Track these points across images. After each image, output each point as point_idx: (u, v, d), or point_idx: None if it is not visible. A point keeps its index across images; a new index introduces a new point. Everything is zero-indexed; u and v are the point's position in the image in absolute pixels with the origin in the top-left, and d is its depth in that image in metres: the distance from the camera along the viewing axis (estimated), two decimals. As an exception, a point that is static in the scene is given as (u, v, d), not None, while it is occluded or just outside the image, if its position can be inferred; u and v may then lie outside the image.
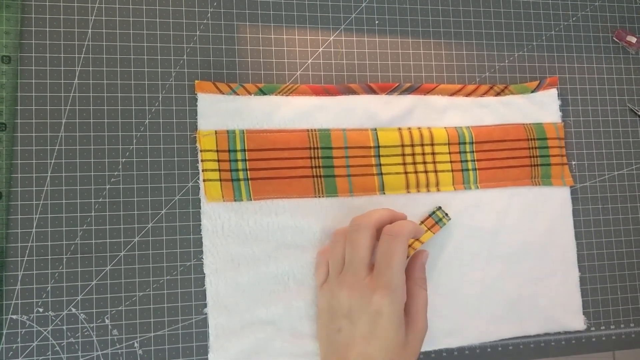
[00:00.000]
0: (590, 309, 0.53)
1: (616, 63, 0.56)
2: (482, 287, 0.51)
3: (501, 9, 0.55)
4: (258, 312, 0.47)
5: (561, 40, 0.55)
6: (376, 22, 0.52)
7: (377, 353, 0.40)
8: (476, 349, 0.51)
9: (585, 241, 0.54)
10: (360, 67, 0.51)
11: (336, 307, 0.43)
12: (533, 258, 0.52)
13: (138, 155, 0.47)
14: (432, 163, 0.51)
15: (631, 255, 0.54)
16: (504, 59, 0.54)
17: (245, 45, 0.50)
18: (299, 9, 0.51)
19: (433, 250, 0.50)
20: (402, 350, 0.41)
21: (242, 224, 0.47)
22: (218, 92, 0.48)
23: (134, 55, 0.48)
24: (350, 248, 0.44)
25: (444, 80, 0.53)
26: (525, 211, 0.52)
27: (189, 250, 0.47)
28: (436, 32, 0.53)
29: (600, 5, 0.57)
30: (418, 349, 0.43)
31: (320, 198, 0.49)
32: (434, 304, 0.49)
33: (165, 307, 0.46)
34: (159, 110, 0.48)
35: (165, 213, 0.47)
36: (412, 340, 0.43)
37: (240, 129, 0.48)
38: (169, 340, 0.46)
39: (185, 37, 0.49)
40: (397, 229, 0.43)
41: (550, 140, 0.53)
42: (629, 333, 0.53)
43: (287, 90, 0.49)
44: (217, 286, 0.47)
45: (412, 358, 0.42)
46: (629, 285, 0.54)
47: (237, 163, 0.47)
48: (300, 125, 0.49)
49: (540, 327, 0.52)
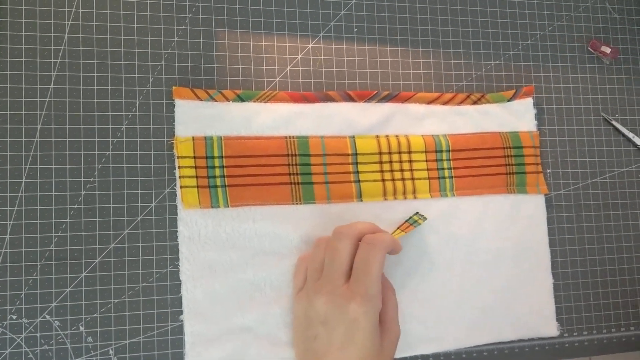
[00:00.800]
0: (563, 315, 0.54)
1: (591, 73, 0.57)
2: (458, 293, 0.51)
3: (478, 18, 0.55)
4: (235, 319, 0.47)
5: (537, 49, 0.56)
6: (355, 30, 0.53)
7: (354, 356, 0.41)
8: (451, 355, 0.51)
9: (559, 248, 0.54)
10: (338, 75, 0.52)
11: (313, 315, 0.43)
12: (508, 265, 0.53)
13: (114, 162, 0.47)
14: (409, 171, 0.51)
15: (604, 263, 0.55)
16: (481, 68, 0.55)
17: (223, 51, 0.50)
18: (278, 16, 0.51)
19: (410, 257, 0.51)
20: (377, 357, 0.42)
21: (219, 230, 0.47)
22: (196, 99, 0.48)
23: (111, 60, 0.47)
24: (330, 256, 0.44)
25: (421, 89, 0.53)
26: (501, 219, 0.53)
27: (165, 257, 0.47)
28: (414, 40, 0.54)
29: (575, 16, 0.58)
30: (392, 355, 0.44)
31: (297, 205, 0.49)
32: (411, 311, 0.50)
33: (140, 314, 0.46)
34: (136, 116, 0.47)
35: (142, 219, 0.47)
36: (386, 346, 0.43)
37: (217, 136, 0.48)
38: (144, 348, 0.46)
39: (163, 43, 0.49)
40: (377, 239, 0.43)
41: (525, 148, 0.54)
42: (601, 339, 0.54)
43: (265, 97, 0.49)
44: (193, 293, 0.47)
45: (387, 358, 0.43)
46: (601, 292, 0.55)
47: (215, 170, 0.47)
48: (278, 132, 0.49)
49: (514, 334, 0.52)
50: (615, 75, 0.58)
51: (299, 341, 0.45)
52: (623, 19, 0.59)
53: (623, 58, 0.58)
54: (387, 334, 0.44)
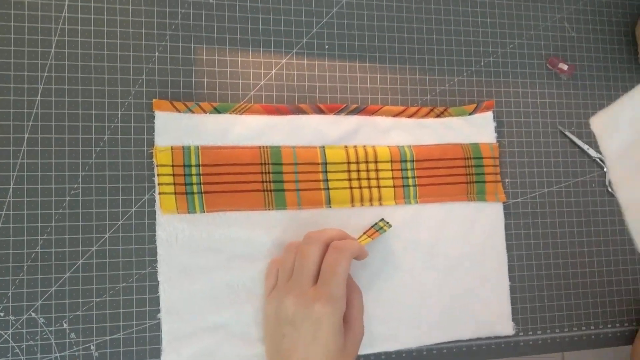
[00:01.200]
0: (519, 315, 0.58)
1: (549, 88, 0.61)
2: (420, 295, 0.55)
3: (443, 36, 0.59)
4: (209, 318, 0.50)
5: (498, 66, 0.60)
6: (326, 47, 0.56)
7: (317, 357, 0.44)
8: (413, 352, 0.55)
9: (516, 253, 0.58)
10: (310, 89, 0.55)
11: (282, 314, 0.46)
12: (467, 268, 0.56)
13: (97, 169, 0.50)
14: (376, 179, 0.54)
15: (558, 267, 0.59)
16: (445, 83, 0.58)
17: (201, 66, 0.53)
18: (254, 33, 0.54)
19: (376, 261, 0.54)
20: (341, 355, 0.45)
21: (195, 235, 0.50)
22: (175, 111, 0.51)
23: (95, 74, 0.51)
24: (299, 259, 0.47)
25: (388, 102, 0.57)
26: (461, 225, 0.56)
27: (144, 259, 0.50)
28: (382, 57, 0.57)
29: (535, 34, 0.61)
30: (355, 353, 0.47)
31: (270, 211, 0.52)
32: (375, 311, 0.53)
33: (120, 312, 0.49)
34: (118, 126, 0.51)
35: (122, 224, 0.50)
36: (350, 344, 0.46)
37: (195, 145, 0.51)
38: (124, 343, 0.49)
39: (145, 58, 0.52)
40: (344, 244, 0.47)
41: (485, 159, 0.57)
42: (554, 338, 0.58)
43: (240, 109, 0.52)
44: (170, 293, 0.50)
45: (350, 357, 0.46)
46: (555, 294, 0.59)
47: (192, 177, 0.50)
48: (252, 142, 0.52)
49: (472, 332, 0.56)
50: (571, 90, 0.61)
51: (269, 339, 0.48)
52: (580, 37, 0.62)
53: (579, 74, 0.62)
54: (351, 333, 0.47)
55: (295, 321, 0.45)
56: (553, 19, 0.62)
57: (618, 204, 0.58)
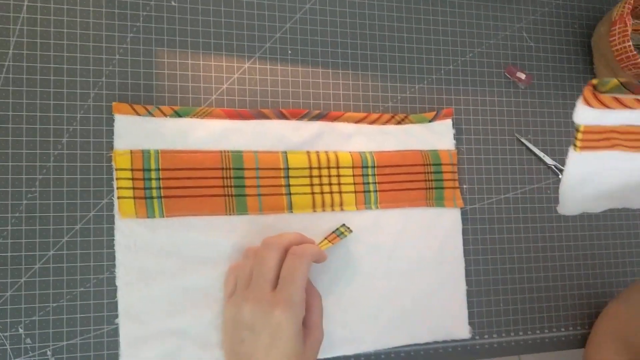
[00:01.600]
0: (475, 319, 0.59)
1: (507, 96, 0.62)
2: (379, 299, 0.56)
3: (405, 43, 0.59)
4: (168, 323, 0.50)
5: (458, 74, 0.61)
6: (289, 52, 0.56)
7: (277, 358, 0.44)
8: (371, 355, 0.56)
9: (472, 257, 0.59)
10: (272, 94, 0.55)
11: (240, 319, 0.46)
12: (426, 272, 0.57)
13: (55, 173, 0.49)
14: (337, 185, 0.55)
15: (514, 271, 0.60)
16: (405, 90, 0.59)
17: (162, 69, 0.53)
18: (216, 37, 0.54)
19: (336, 265, 0.54)
20: (300, 356, 0.45)
21: (154, 239, 0.50)
22: (135, 114, 0.51)
23: (54, 76, 0.50)
24: (258, 265, 0.47)
25: (350, 109, 0.57)
26: (420, 230, 0.57)
27: (102, 263, 0.50)
28: (344, 63, 0.58)
29: (494, 44, 0.62)
30: (315, 357, 0.47)
31: (231, 216, 0.52)
32: (334, 314, 0.54)
33: (78, 317, 0.49)
34: (76, 129, 0.50)
35: (80, 228, 0.50)
36: (309, 349, 0.47)
37: (155, 149, 0.51)
38: (81, 349, 0.49)
39: (105, 60, 0.51)
40: (303, 250, 0.47)
41: (444, 165, 0.58)
42: (509, 341, 0.59)
43: (202, 113, 0.52)
44: (128, 298, 0.49)
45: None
46: (510, 298, 0.60)
47: (151, 182, 0.50)
48: (214, 146, 0.52)
49: (430, 336, 0.57)
50: (529, 99, 0.63)
51: (228, 344, 0.48)
52: (538, 47, 0.64)
53: (537, 83, 0.63)
54: (310, 337, 0.47)
55: (254, 326, 0.45)
56: (512, 29, 0.63)
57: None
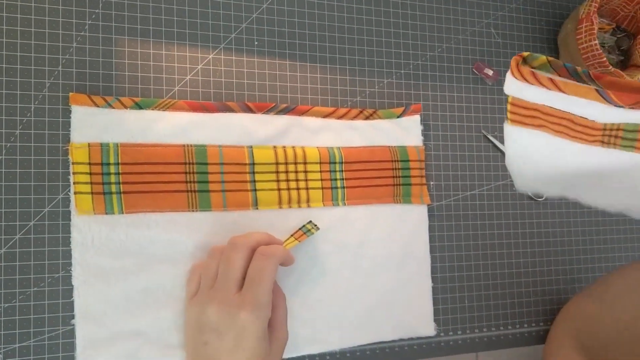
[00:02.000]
0: (440, 316, 0.59)
1: (474, 93, 0.62)
2: (345, 297, 0.55)
3: (373, 37, 0.58)
4: (127, 323, 0.48)
5: (426, 69, 0.60)
6: (255, 43, 0.55)
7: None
8: (337, 354, 0.55)
9: (439, 254, 0.59)
10: (238, 86, 0.54)
11: (204, 321, 0.45)
12: (392, 269, 0.57)
13: (7, 166, 0.47)
14: (304, 180, 0.54)
15: (479, 268, 0.60)
16: (374, 85, 0.58)
17: (123, 59, 0.50)
18: (179, 25, 0.52)
19: (302, 264, 0.53)
20: (265, 357, 0.44)
21: (113, 237, 0.48)
22: (93, 105, 0.48)
23: (7, 64, 0.47)
24: (224, 264, 0.46)
25: (318, 103, 0.56)
26: (387, 227, 0.57)
27: (58, 262, 0.47)
28: (312, 56, 0.56)
29: (462, 39, 0.62)
30: (279, 357, 0.46)
31: (193, 212, 0.51)
32: (300, 314, 0.53)
33: (31, 318, 0.47)
34: (30, 121, 0.47)
35: (34, 225, 0.47)
36: (274, 349, 0.46)
37: (114, 142, 0.49)
38: (34, 351, 0.47)
39: (62, 48, 0.49)
40: (271, 250, 0.46)
41: (412, 162, 0.58)
42: (473, 338, 0.60)
43: (164, 105, 0.50)
44: (85, 298, 0.47)
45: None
46: (475, 295, 0.60)
47: (110, 176, 0.48)
48: (176, 140, 0.50)
49: (395, 334, 0.57)
50: (496, 95, 0.63)
51: (190, 346, 0.46)
52: (506, 43, 0.64)
53: (503, 80, 0.63)
54: (275, 338, 0.46)
55: (218, 329, 0.44)
56: (480, 25, 0.63)
57: (535, 206, 0.60)
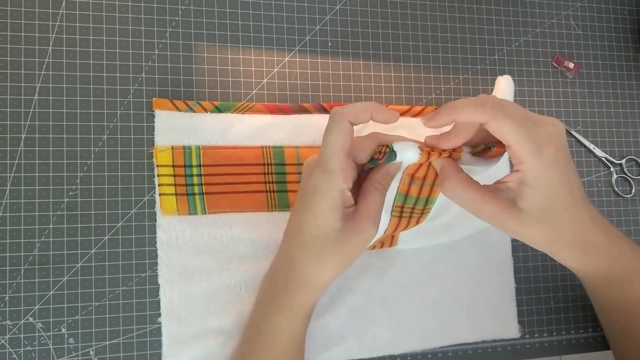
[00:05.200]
0: (525, 317, 0.57)
1: (555, 87, 0.60)
2: (424, 298, 0.54)
3: (448, 33, 0.58)
4: (210, 322, 0.49)
5: (503, 64, 0.59)
6: (329, 44, 0.55)
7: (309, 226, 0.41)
8: (417, 355, 0.54)
9: (522, 254, 0.57)
10: (313, 87, 0.54)
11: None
12: (471, 270, 0.55)
13: (96, 170, 0.49)
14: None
15: (564, 268, 0.58)
16: (450, 81, 0.57)
17: (202, 64, 0.52)
18: (256, 30, 0.53)
19: (379, 264, 0.53)
20: (335, 235, 0.41)
21: (196, 236, 0.49)
22: (175, 110, 0.50)
23: (94, 72, 0.49)
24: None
25: (392, 101, 0.56)
26: (467, 230, 0.55)
27: (144, 261, 0.49)
28: (385, 55, 0.56)
29: (540, 32, 0.60)
30: (356, 248, 0.42)
31: (273, 212, 0.51)
32: (379, 315, 0.53)
33: (120, 316, 0.48)
34: (117, 126, 0.49)
35: (122, 226, 0.49)
36: (350, 233, 0.41)
37: (196, 145, 0.50)
38: (123, 349, 0.48)
39: (144, 56, 0.51)
40: (340, 108, 0.41)
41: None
42: (560, 340, 0.57)
43: (242, 108, 0.51)
44: (170, 296, 0.49)
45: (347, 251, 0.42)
46: (561, 296, 0.58)
47: (193, 178, 0.49)
48: (254, 142, 0.51)
49: (477, 336, 0.55)
50: (577, 89, 0.60)
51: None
52: (586, 35, 0.62)
53: (585, 73, 0.61)
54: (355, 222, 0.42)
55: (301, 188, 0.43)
56: (559, 17, 0.61)
57: (622, 203, 0.57)
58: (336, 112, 0.40)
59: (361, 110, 0.40)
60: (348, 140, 0.40)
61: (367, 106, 0.40)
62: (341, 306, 0.52)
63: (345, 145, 0.40)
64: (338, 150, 0.39)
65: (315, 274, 0.42)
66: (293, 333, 0.45)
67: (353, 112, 0.40)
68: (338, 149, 0.39)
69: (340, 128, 0.39)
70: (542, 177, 0.39)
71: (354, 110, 0.40)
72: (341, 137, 0.39)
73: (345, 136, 0.39)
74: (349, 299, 0.52)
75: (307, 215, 0.41)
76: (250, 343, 0.46)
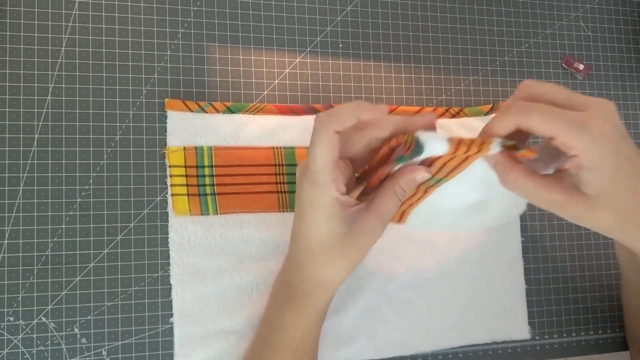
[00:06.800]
0: (535, 319, 0.57)
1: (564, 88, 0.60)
2: (433, 298, 0.54)
3: (458, 35, 0.58)
4: (222, 322, 0.49)
5: (513, 65, 0.59)
6: (340, 45, 0.55)
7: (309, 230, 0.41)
8: (428, 356, 0.54)
9: (532, 255, 0.57)
10: (324, 88, 0.54)
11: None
12: (481, 271, 0.55)
13: (109, 170, 0.49)
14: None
15: (574, 269, 0.58)
16: (460, 82, 0.57)
17: (214, 65, 0.52)
18: (267, 31, 0.53)
19: (388, 263, 0.53)
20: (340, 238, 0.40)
21: (208, 237, 0.50)
22: (187, 110, 0.50)
23: (106, 73, 0.49)
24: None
25: (403, 102, 0.56)
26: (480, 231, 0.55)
27: (157, 262, 0.49)
28: (396, 56, 0.56)
29: (550, 34, 0.60)
30: (364, 246, 0.41)
31: (284, 212, 0.51)
32: (389, 315, 0.53)
33: (132, 316, 0.48)
34: (129, 126, 0.50)
35: (134, 226, 0.49)
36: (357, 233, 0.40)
37: (208, 146, 0.50)
38: (135, 349, 0.48)
39: (157, 57, 0.51)
40: (327, 112, 0.38)
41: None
42: (570, 342, 0.57)
43: (254, 109, 0.52)
44: (182, 297, 0.49)
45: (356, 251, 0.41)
46: (571, 298, 0.58)
47: (205, 178, 0.49)
48: (266, 142, 0.51)
49: (488, 336, 0.55)
50: (587, 90, 0.60)
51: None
52: (596, 36, 0.62)
53: (595, 74, 0.61)
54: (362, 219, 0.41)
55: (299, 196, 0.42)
56: (569, 18, 0.61)
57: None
58: (320, 122, 0.37)
59: (347, 115, 0.37)
60: (336, 151, 0.37)
61: (352, 109, 0.38)
62: (352, 306, 0.52)
63: (333, 156, 0.37)
64: (325, 163, 0.37)
65: (326, 276, 0.43)
66: (306, 332, 0.45)
67: (338, 119, 0.37)
68: (325, 163, 0.37)
69: (325, 139, 0.37)
70: (598, 156, 0.36)
71: (338, 117, 0.37)
72: (327, 149, 0.37)
73: (332, 148, 0.37)
74: (360, 299, 0.52)
75: (308, 226, 0.41)
76: (263, 342, 0.46)
